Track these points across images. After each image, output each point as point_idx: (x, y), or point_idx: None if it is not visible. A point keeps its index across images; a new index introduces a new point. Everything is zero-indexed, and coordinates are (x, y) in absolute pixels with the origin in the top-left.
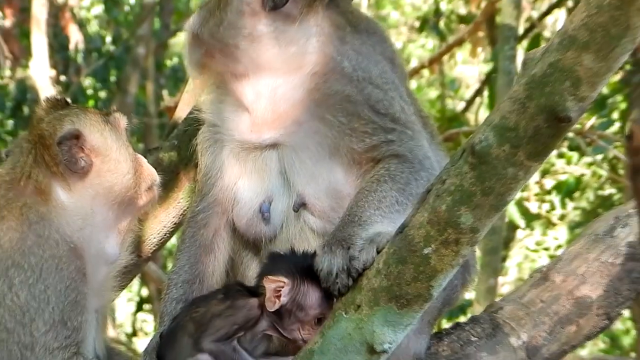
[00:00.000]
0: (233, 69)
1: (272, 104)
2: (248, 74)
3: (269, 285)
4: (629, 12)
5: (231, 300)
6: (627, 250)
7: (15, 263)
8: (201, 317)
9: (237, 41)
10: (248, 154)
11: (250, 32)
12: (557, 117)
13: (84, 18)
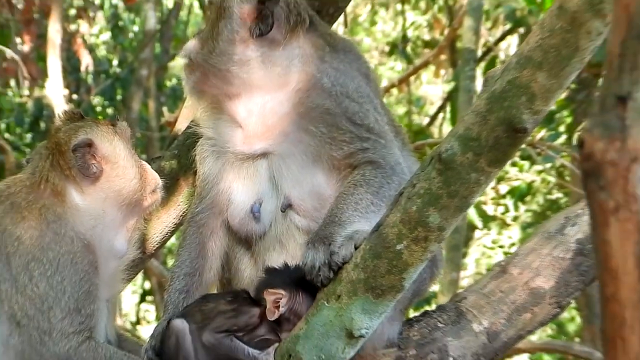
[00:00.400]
0: (226, 90)
1: (261, 119)
2: (239, 94)
3: (268, 297)
4: (578, 35)
5: (237, 304)
6: (575, 247)
7: (35, 258)
8: (209, 311)
9: (229, 66)
10: (242, 163)
11: (240, 58)
12: (515, 128)
13: (94, 43)
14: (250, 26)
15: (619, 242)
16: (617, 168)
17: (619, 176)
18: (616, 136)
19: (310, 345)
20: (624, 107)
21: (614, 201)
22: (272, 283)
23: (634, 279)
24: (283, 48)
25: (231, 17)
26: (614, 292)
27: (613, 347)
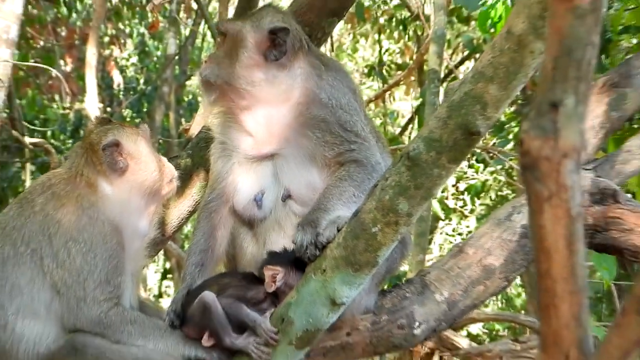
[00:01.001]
0: (239, 103)
1: (268, 128)
2: (250, 107)
3: (267, 273)
4: (523, 54)
5: (247, 282)
6: (521, 230)
7: (72, 238)
8: (224, 284)
9: (245, 86)
10: (250, 163)
11: (254, 79)
12: (470, 132)
13: (124, 65)
14: (265, 52)
15: (552, 226)
16: (551, 163)
17: (552, 170)
18: (550, 136)
19: (300, 311)
20: (556, 112)
21: (547, 191)
22: (270, 262)
23: (564, 257)
24: (288, 69)
25: (247, 47)
26: (547, 268)
27: (547, 314)
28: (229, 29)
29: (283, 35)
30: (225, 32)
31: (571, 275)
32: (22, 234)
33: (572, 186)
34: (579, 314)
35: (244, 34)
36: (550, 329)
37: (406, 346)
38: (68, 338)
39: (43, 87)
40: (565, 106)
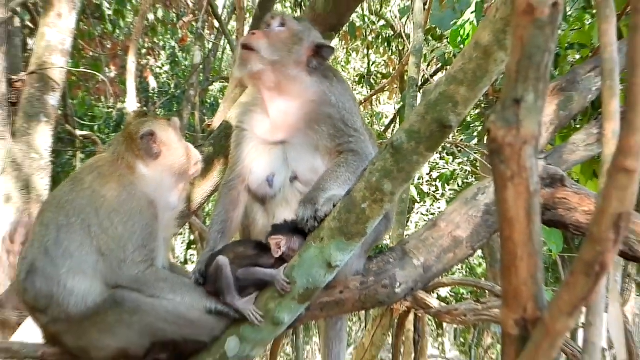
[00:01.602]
0: (266, 88)
1: (284, 117)
2: (274, 96)
3: (272, 242)
4: (488, 62)
5: (259, 251)
6: (484, 208)
7: (115, 209)
8: (240, 252)
9: (283, 74)
10: (264, 147)
11: (291, 73)
12: (444, 125)
13: (158, 72)
14: (309, 58)
15: (514, 200)
16: (513, 148)
17: (514, 154)
18: (513, 126)
19: (302, 272)
20: (518, 106)
21: (510, 171)
22: (274, 233)
23: (524, 226)
24: (313, 75)
25: (302, 46)
26: (510, 234)
27: (509, 274)
28: (291, 25)
29: (328, 52)
30: (284, 24)
31: (529, 240)
32: (74, 206)
33: (531, 168)
34: (535, 274)
35: (305, 36)
36: (511, 286)
37: (388, 303)
38: (110, 293)
39: (91, 89)
40: (526, 102)
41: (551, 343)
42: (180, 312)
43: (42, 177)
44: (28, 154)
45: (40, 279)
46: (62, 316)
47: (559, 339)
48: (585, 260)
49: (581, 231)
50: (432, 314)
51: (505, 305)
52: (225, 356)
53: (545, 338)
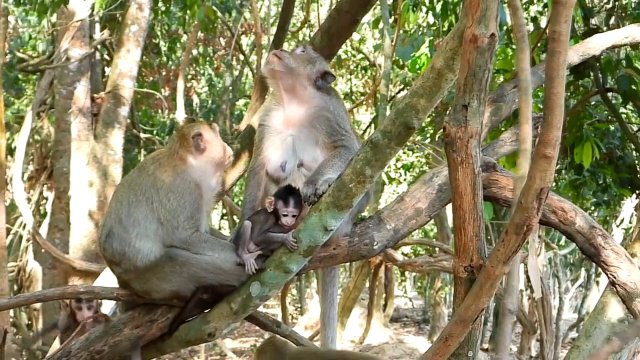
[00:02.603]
0: (286, 86)
1: (295, 114)
2: (290, 95)
3: (267, 201)
4: (441, 81)
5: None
6: (438, 187)
7: (171, 190)
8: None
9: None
10: (279, 139)
11: (302, 84)
12: (409, 127)
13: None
14: (316, 78)
15: (463, 179)
16: (462, 141)
17: (463, 145)
18: (462, 125)
19: (305, 234)
20: (466, 110)
21: (460, 158)
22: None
23: (470, 197)
24: (318, 90)
25: (314, 67)
26: (460, 204)
27: (459, 233)
28: (309, 52)
29: (331, 79)
30: (304, 50)
31: (474, 208)
32: (141, 187)
33: (475, 155)
34: (479, 233)
35: (317, 62)
36: (461, 242)
37: (369, 256)
38: (166, 251)
39: (151, 104)
40: (471, 107)
41: (491, 284)
42: (217, 264)
43: (116, 168)
44: (105, 151)
45: (115, 241)
46: (131, 268)
47: (497, 281)
48: (515, 223)
49: (508, 204)
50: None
51: (457, 256)
52: (250, 296)
53: (487, 280)
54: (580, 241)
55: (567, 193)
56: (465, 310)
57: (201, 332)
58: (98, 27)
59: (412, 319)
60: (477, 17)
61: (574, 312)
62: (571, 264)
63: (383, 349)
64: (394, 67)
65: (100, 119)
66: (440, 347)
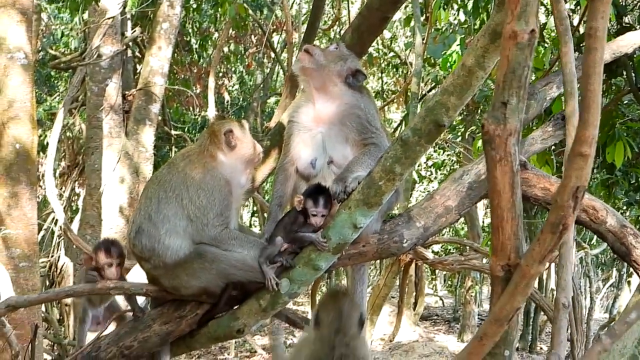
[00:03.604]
0: (316, 83)
1: (326, 110)
2: (320, 92)
3: (296, 199)
4: (471, 79)
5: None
6: (468, 185)
7: (200, 187)
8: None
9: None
10: (309, 136)
11: (333, 81)
12: (439, 124)
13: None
14: (347, 75)
15: (501, 177)
16: (501, 139)
17: (501, 143)
18: (501, 123)
19: (335, 231)
20: (505, 108)
21: (499, 156)
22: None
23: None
24: (349, 88)
25: (345, 64)
26: (498, 202)
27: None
28: (342, 49)
29: (362, 77)
30: (337, 47)
31: (512, 207)
32: (171, 184)
33: (514, 153)
34: (517, 231)
35: (348, 59)
36: (499, 241)
37: (398, 254)
38: (195, 247)
39: (183, 101)
40: (510, 104)
41: (527, 283)
42: (246, 262)
43: (147, 165)
44: (137, 148)
45: (145, 237)
46: (161, 264)
47: (533, 280)
48: (551, 222)
49: (538, 202)
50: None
51: (494, 254)
52: (279, 293)
53: (522, 279)
54: (611, 240)
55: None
56: (500, 309)
57: (230, 329)
58: (130, 24)
59: (443, 318)
60: (517, 13)
61: (605, 312)
62: (602, 264)
63: (413, 347)
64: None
65: (131, 116)
66: (475, 346)
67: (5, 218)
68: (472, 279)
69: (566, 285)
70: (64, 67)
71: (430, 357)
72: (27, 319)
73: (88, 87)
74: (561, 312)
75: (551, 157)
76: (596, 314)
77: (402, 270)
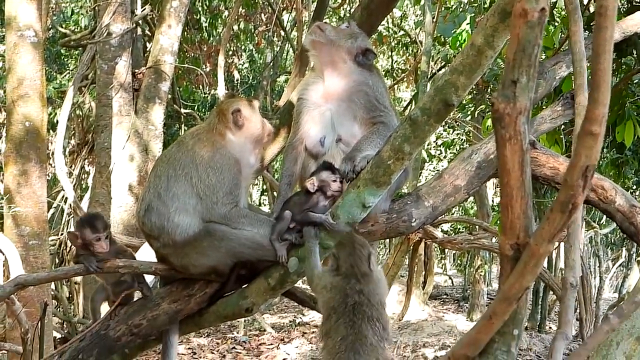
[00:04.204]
0: (326, 59)
1: (334, 87)
2: (330, 69)
3: (308, 183)
4: (480, 58)
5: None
6: (477, 164)
7: (210, 166)
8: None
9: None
10: (318, 113)
11: (341, 56)
12: (448, 104)
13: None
14: (357, 54)
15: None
16: (510, 117)
17: (511, 121)
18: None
19: (343, 210)
20: (514, 86)
21: (508, 134)
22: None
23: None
24: (359, 65)
25: (355, 43)
26: (507, 181)
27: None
28: (353, 27)
29: (372, 56)
30: (349, 26)
31: (522, 185)
32: (180, 162)
33: (523, 132)
34: (526, 210)
35: (359, 37)
36: (508, 219)
37: (406, 233)
38: (205, 225)
39: (192, 80)
40: (520, 82)
41: (536, 262)
42: (256, 240)
43: (156, 143)
44: (146, 126)
45: (154, 215)
46: (170, 242)
47: (542, 259)
48: (561, 200)
49: (547, 182)
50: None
51: (503, 233)
52: (288, 271)
53: (531, 258)
54: (619, 219)
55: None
56: (510, 288)
57: (239, 307)
58: (139, 2)
59: (452, 297)
60: None
61: (615, 292)
62: (612, 243)
63: (422, 326)
64: (435, 44)
65: (141, 94)
66: (484, 325)
67: (15, 196)
68: (481, 258)
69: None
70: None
71: (439, 336)
72: (36, 297)
73: (98, 65)
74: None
75: (560, 137)
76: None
77: (412, 249)
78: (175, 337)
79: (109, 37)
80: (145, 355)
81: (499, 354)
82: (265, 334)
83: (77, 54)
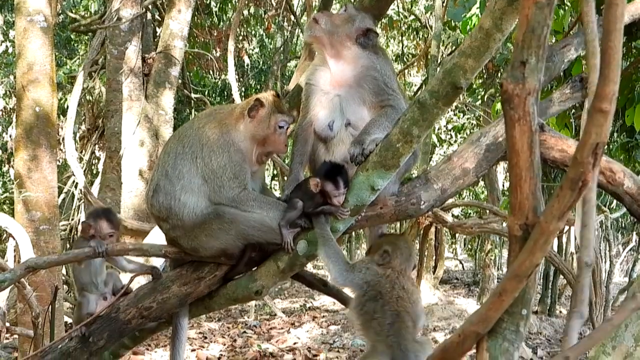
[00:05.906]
0: (328, 48)
1: (341, 74)
2: (334, 57)
3: (312, 182)
4: (489, 41)
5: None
6: (485, 147)
7: (213, 150)
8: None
9: (337, 43)
10: (326, 98)
11: (345, 44)
12: (456, 87)
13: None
14: (358, 36)
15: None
16: (520, 98)
17: (520, 102)
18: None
19: (353, 194)
20: (524, 67)
21: (517, 115)
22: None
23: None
24: (365, 49)
25: (353, 26)
26: (516, 162)
27: (515, 191)
28: (350, 10)
29: (373, 36)
30: (346, 10)
31: (530, 166)
32: (189, 139)
33: (533, 112)
34: (535, 191)
35: (357, 20)
36: (517, 200)
37: (415, 216)
38: (214, 208)
39: (202, 65)
40: (529, 63)
41: (546, 239)
42: (265, 222)
43: (166, 128)
44: (157, 111)
45: (162, 195)
46: (179, 224)
47: (552, 237)
48: (571, 177)
49: (556, 164)
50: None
51: (512, 214)
52: (297, 254)
53: (541, 236)
54: (628, 202)
55: (619, 156)
56: (520, 265)
57: (248, 290)
58: None
59: (462, 281)
60: None
61: (625, 276)
62: (623, 228)
63: (432, 310)
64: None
65: (151, 79)
66: (494, 302)
67: (25, 181)
68: (492, 242)
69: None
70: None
71: (450, 320)
72: (47, 282)
73: (108, 50)
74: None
75: (570, 120)
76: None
77: (422, 233)
78: (185, 319)
79: (119, 22)
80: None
81: (508, 334)
82: (275, 318)
83: (87, 39)
